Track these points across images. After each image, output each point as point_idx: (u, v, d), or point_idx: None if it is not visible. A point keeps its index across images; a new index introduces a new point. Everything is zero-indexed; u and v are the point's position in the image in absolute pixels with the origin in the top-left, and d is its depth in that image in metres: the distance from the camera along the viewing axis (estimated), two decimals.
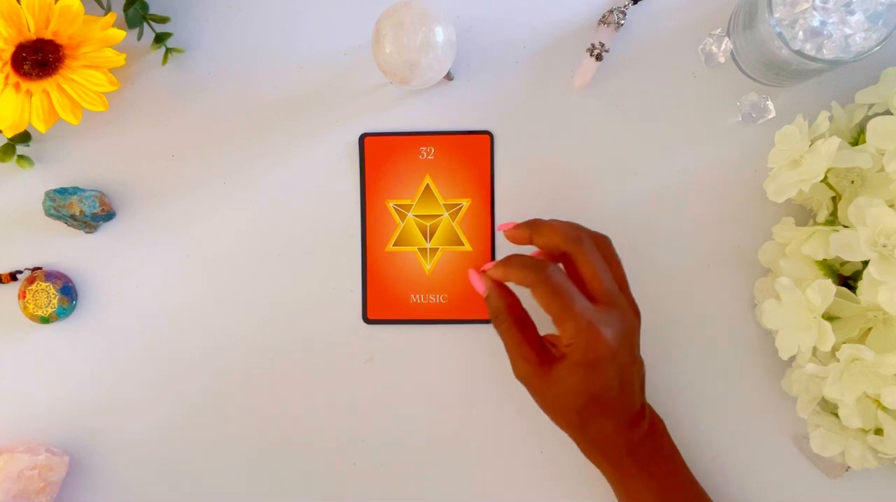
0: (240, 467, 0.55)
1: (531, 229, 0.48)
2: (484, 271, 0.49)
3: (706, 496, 0.49)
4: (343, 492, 0.54)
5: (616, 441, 0.46)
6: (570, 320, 0.44)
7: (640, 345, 0.47)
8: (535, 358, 0.46)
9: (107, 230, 0.55)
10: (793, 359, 0.47)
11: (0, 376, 0.55)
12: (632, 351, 0.46)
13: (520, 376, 0.47)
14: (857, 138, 0.47)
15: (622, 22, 0.52)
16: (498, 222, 0.53)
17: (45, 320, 0.54)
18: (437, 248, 0.54)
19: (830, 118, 0.46)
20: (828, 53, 0.45)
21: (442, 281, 0.54)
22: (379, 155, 0.54)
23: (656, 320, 0.51)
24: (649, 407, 0.48)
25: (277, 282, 0.54)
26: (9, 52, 0.47)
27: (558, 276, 0.45)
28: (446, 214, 0.54)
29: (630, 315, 0.46)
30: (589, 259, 0.46)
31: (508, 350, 0.48)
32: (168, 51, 0.54)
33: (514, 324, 0.47)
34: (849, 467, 0.51)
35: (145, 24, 0.53)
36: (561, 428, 0.48)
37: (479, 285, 0.49)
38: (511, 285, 0.49)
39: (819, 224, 0.47)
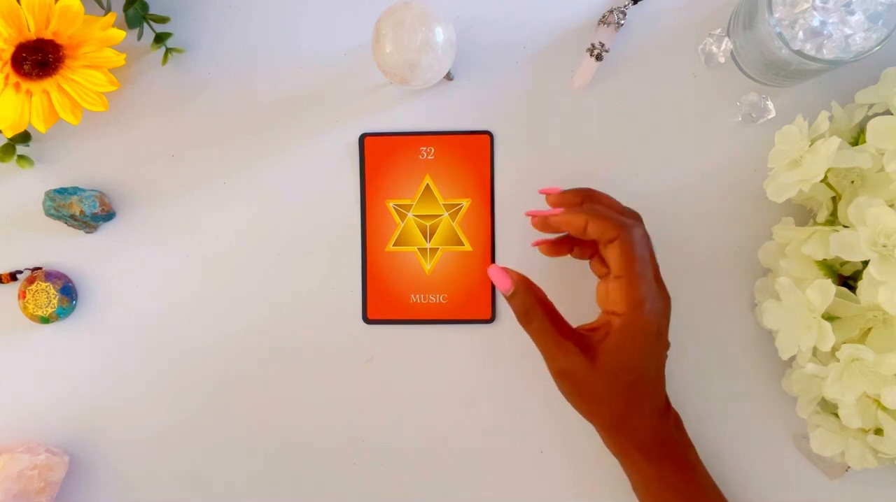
0: (240, 466, 0.55)
1: (584, 196, 0.47)
2: (546, 215, 0.46)
3: (719, 491, 0.49)
4: (343, 492, 0.54)
5: (651, 432, 0.46)
6: (637, 288, 0.43)
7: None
8: (577, 349, 0.43)
9: (107, 230, 0.55)
10: (793, 359, 0.47)
11: (0, 376, 0.55)
12: (667, 335, 0.46)
13: (563, 371, 0.44)
14: (857, 138, 0.47)
15: (622, 22, 0.52)
16: (498, 222, 0.53)
17: (45, 320, 0.54)
18: (437, 248, 0.54)
19: (830, 118, 0.46)
20: (828, 53, 0.45)
21: (442, 281, 0.54)
22: (379, 155, 0.54)
23: None
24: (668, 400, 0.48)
25: (277, 282, 0.54)
26: (9, 52, 0.47)
27: (644, 239, 0.44)
28: (446, 214, 0.54)
29: (668, 299, 0.46)
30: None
31: (544, 348, 0.44)
32: (168, 51, 0.54)
33: (547, 318, 0.44)
34: (849, 467, 0.51)
35: (145, 24, 0.53)
36: (599, 422, 0.46)
37: (504, 281, 0.44)
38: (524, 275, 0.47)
39: (819, 224, 0.47)
